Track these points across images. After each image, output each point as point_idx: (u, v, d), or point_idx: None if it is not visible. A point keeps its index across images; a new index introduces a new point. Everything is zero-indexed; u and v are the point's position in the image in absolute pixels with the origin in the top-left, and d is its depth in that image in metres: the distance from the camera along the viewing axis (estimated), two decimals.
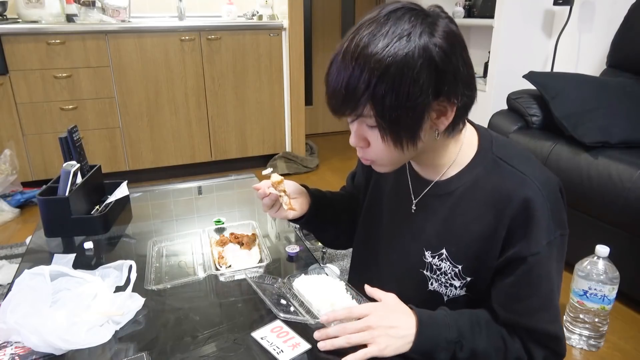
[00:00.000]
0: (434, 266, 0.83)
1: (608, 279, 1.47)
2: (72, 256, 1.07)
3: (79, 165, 1.25)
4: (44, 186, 1.24)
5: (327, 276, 0.94)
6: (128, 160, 3.00)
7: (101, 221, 1.21)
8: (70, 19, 2.77)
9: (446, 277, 0.82)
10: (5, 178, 2.56)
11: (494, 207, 0.76)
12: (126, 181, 1.37)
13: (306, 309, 0.85)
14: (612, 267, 1.48)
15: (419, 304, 0.81)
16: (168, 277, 0.99)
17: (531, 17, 2.80)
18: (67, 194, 1.18)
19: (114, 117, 2.89)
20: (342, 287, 0.89)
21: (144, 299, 0.89)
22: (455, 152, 0.81)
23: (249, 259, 1.04)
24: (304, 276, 0.93)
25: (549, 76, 2.21)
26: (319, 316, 0.81)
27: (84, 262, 1.06)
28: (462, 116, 0.75)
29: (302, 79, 3.27)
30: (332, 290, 0.87)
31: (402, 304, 0.79)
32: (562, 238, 0.76)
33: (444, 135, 0.76)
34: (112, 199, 1.29)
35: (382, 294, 0.81)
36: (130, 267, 0.98)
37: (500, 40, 2.77)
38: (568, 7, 2.62)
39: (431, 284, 0.84)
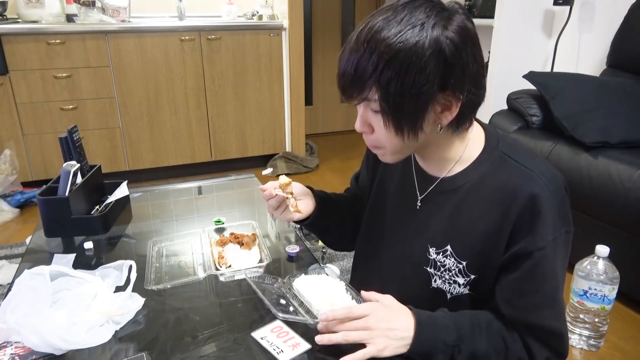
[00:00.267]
0: (438, 263, 0.83)
1: (608, 279, 1.47)
2: (72, 256, 1.07)
3: (79, 165, 1.25)
4: (44, 186, 1.24)
5: (327, 276, 0.94)
6: (128, 160, 3.00)
7: (101, 221, 1.21)
8: (70, 19, 2.77)
9: (450, 274, 0.82)
10: (5, 178, 2.56)
11: (500, 203, 0.76)
12: (126, 181, 1.37)
13: (306, 309, 0.85)
14: (612, 267, 1.48)
15: (422, 301, 0.81)
16: (168, 277, 0.99)
17: (531, 17, 2.80)
18: (67, 194, 1.18)
19: (114, 117, 2.89)
20: (342, 287, 0.89)
21: (144, 299, 0.89)
22: (461, 149, 0.81)
23: (249, 259, 1.04)
24: (304, 276, 0.93)
25: (549, 76, 2.21)
26: (318, 316, 0.80)
27: (84, 262, 1.06)
28: (468, 115, 0.75)
29: (302, 79, 3.27)
30: (332, 290, 0.87)
31: (401, 305, 0.79)
32: (567, 235, 0.77)
33: (448, 131, 0.76)
34: (112, 199, 1.29)
35: (379, 296, 0.81)
36: (130, 267, 0.98)
37: (500, 40, 2.77)
38: (568, 7, 2.62)
39: (434, 281, 0.84)
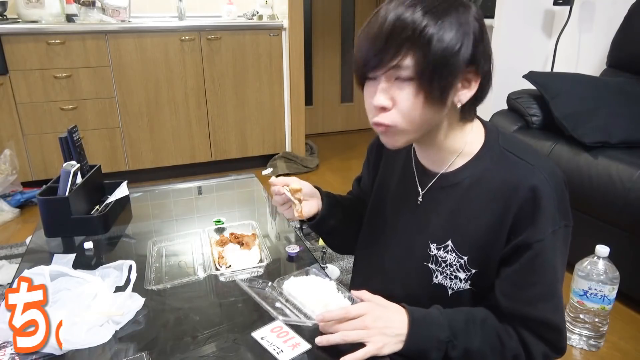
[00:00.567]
0: (439, 258, 0.83)
1: (608, 279, 1.47)
2: (72, 256, 1.07)
3: (79, 165, 1.25)
4: (44, 186, 1.24)
5: (316, 277, 0.93)
6: (128, 160, 3.00)
7: (101, 221, 1.21)
8: (70, 19, 2.77)
9: (451, 269, 0.82)
10: (5, 178, 2.56)
11: (501, 197, 0.77)
12: (126, 181, 1.37)
13: (301, 311, 0.84)
14: (612, 267, 1.48)
15: (424, 297, 0.82)
16: (168, 277, 0.99)
17: (531, 17, 2.80)
18: (67, 194, 1.18)
19: (114, 117, 2.89)
20: (333, 286, 0.89)
21: (144, 299, 0.89)
22: (462, 142, 0.81)
23: (249, 259, 1.04)
24: (293, 278, 0.92)
25: (549, 76, 2.21)
26: (313, 317, 0.80)
27: (84, 262, 1.06)
28: (478, 99, 0.78)
29: (302, 79, 3.27)
30: (324, 291, 0.87)
31: (394, 304, 0.80)
32: (566, 229, 0.77)
33: (456, 116, 0.78)
34: (112, 199, 1.29)
35: (370, 295, 0.81)
36: (130, 267, 0.98)
37: (500, 40, 2.77)
38: (568, 7, 2.62)
39: (436, 277, 0.84)
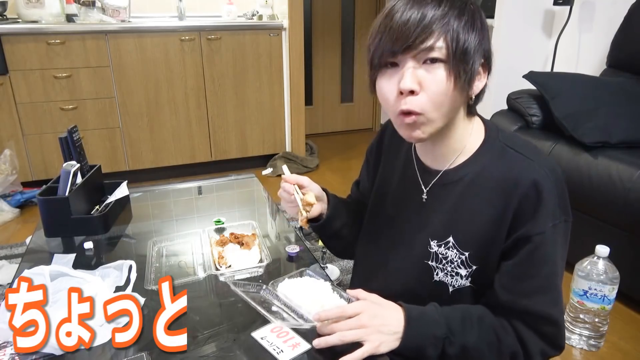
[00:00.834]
0: (439, 255, 0.83)
1: (608, 279, 1.47)
2: (72, 256, 1.07)
3: (79, 165, 1.25)
4: (44, 186, 1.24)
5: (310, 278, 0.93)
6: (128, 160, 3.00)
7: (101, 221, 1.21)
8: (70, 19, 2.77)
9: (452, 266, 0.82)
10: (5, 178, 2.56)
11: (502, 192, 0.77)
12: (126, 181, 1.37)
13: (297, 313, 0.84)
14: (612, 267, 1.48)
15: (424, 295, 0.82)
16: None
17: (531, 17, 2.80)
18: (67, 194, 1.18)
19: (114, 117, 2.89)
20: (328, 287, 0.88)
21: (144, 299, 0.89)
22: (466, 138, 0.82)
23: (249, 259, 1.04)
24: (287, 280, 0.91)
25: (549, 76, 2.21)
26: (310, 318, 0.80)
27: (84, 262, 1.06)
28: (481, 95, 0.79)
29: (302, 79, 3.26)
30: (319, 292, 0.87)
31: (390, 302, 0.80)
32: (566, 224, 0.77)
33: (463, 111, 0.79)
34: (112, 199, 1.29)
35: (366, 294, 0.81)
36: (130, 267, 0.98)
37: (500, 40, 2.77)
38: (568, 7, 2.62)
39: (436, 274, 0.84)
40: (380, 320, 0.76)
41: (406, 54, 0.71)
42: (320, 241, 2.16)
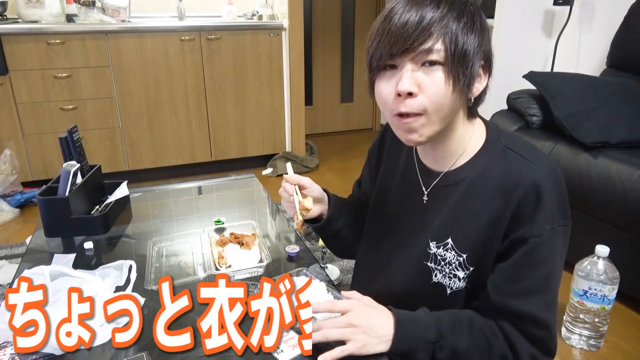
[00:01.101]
0: (438, 257, 0.83)
1: (608, 279, 1.47)
2: (72, 256, 1.07)
3: (79, 165, 1.25)
4: (44, 186, 1.24)
5: (305, 278, 0.93)
6: (128, 160, 3.00)
7: (101, 221, 1.21)
8: (70, 19, 2.77)
9: (450, 268, 0.82)
10: (5, 178, 2.56)
11: (502, 193, 0.77)
12: (126, 181, 1.37)
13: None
14: (612, 267, 1.48)
15: (423, 296, 0.82)
16: None
17: (531, 17, 2.80)
18: (67, 194, 1.18)
19: (114, 117, 2.89)
20: (322, 287, 0.88)
21: (144, 299, 0.89)
22: (467, 140, 0.81)
23: (249, 259, 1.04)
24: None
25: (549, 76, 2.21)
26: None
27: (84, 262, 1.06)
28: (482, 97, 0.79)
29: (302, 79, 3.26)
30: (313, 292, 0.87)
31: (381, 305, 0.80)
32: (565, 228, 0.77)
33: (463, 113, 0.78)
34: (112, 199, 1.29)
35: (359, 295, 0.81)
36: (130, 267, 0.98)
37: (500, 40, 2.77)
38: (568, 7, 2.62)
39: (435, 275, 0.84)
40: (369, 321, 0.75)
41: (404, 57, 0.71)
42: (320, 241, 2.16)
